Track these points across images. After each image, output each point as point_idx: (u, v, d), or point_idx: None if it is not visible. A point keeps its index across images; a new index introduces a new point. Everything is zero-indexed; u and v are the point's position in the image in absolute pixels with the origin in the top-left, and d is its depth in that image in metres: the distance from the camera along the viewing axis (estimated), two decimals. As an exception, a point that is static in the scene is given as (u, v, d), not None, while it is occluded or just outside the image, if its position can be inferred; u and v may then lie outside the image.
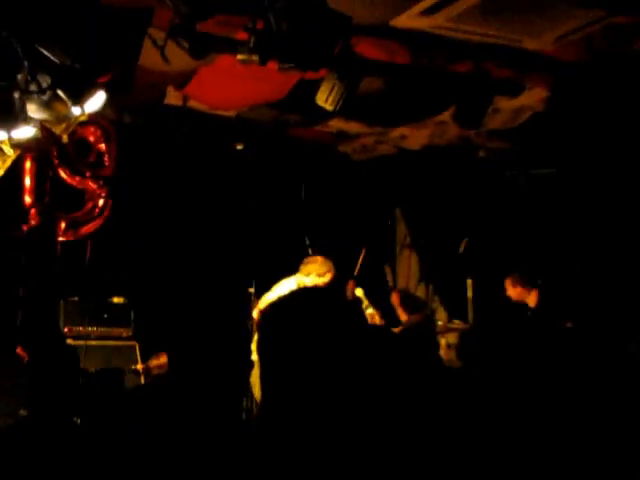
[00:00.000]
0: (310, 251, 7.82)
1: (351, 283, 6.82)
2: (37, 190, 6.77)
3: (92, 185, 7.13)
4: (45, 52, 3.87)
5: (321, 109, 5.48)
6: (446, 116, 6.57)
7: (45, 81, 4.27)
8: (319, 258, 6.22)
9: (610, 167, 7.26)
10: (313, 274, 6.04)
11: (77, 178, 7.09)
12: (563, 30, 5.25)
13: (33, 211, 6.76)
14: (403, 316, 6.95)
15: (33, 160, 6.80)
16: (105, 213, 7.16)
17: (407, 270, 9.18)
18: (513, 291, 6.97)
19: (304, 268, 6.14)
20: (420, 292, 8.99)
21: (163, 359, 5.45)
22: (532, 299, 6.93)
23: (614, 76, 5.81)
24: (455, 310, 8.14)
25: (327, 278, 6.03)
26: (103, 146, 7.17)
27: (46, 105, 4.64)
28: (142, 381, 5.88)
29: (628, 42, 5.43)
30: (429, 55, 5.57)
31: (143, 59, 4.86)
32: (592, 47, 5.48)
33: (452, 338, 7.17)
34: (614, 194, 7.43)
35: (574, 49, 5.51)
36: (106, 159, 7.19)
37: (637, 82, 5.88)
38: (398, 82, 5.84)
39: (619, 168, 7.24)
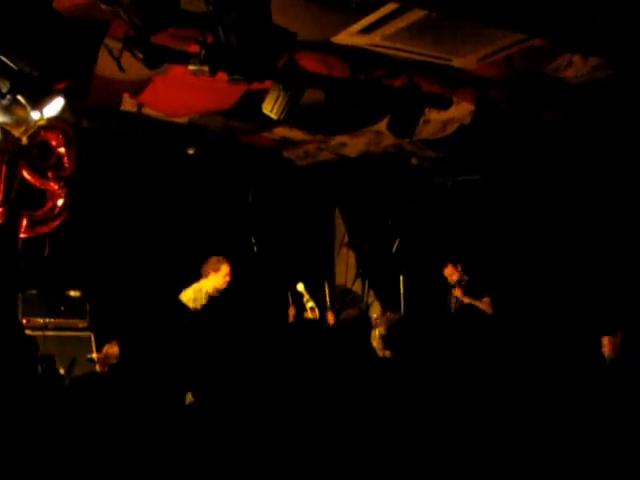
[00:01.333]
0: (255, 249, 7.81)
1: (291, 309, 7.22)
2: (6, 190, 6.60)
3: (53, 186, 6.93)
4: (4, 59, 3.76)
5: (267, 117, 5.46)
6: (381, 126, 6.56)
7: (5, 86, 4.16)
8: (211, 258, 6.48)
9: (526, 174, 7.35)
10: (210, 272, 6.36)
11: (39, 179, 6.87)
12: (486, 51, 5.31)
13: (1, 210, 6.58)
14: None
15: (2, 161, 6.57)
16: (64, 213, 6.97)
17: (345, 267, 9.13)
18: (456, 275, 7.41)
19: (203, 272, 6.42)
20: (357, 287, 9.03)
21: (116, 348, 5.36)
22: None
23: (531, 92, 5.92)
24: (389, 304, 8.15)
25: (224, 270, 6.33)
26: (63, 149, 6.97)
27: (6, 109, 4.50)
28: (97, 369, 5.79)
29: (543, 63, 5.52)
30: (366, 70, 5.58)
31: (100, 68, 4.76)
32: (512, 66, 5.51)
33: (384, 329, 7.24)
34: (531, 198, 7.56)
35: (496, 68, 5.58)
36: (66, 161, 7.00)
37: (550, 99, 6.01)
38: (338, 94, 5.78)
39: (535, 175, 7.33)
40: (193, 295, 6.33)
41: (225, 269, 6.41)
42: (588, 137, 6.48)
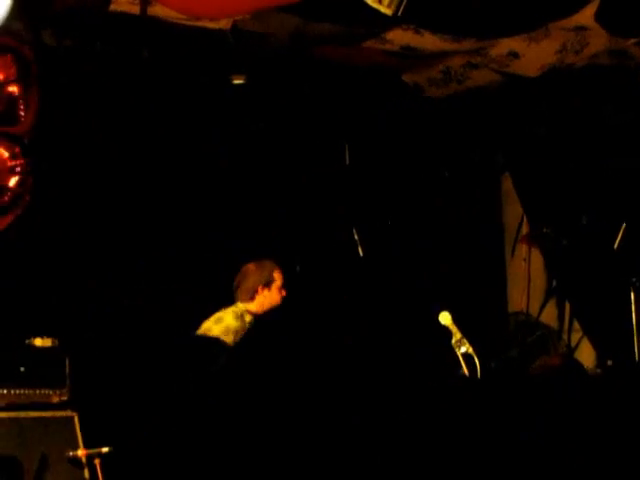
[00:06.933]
0: (360, 250, 7.63)
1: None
2: None
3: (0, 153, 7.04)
4: None
5: (372, 12, 5.68)
6: (585, 16, 6.64)
7: None
8: (253, 265, 7.08)
9: None
10: (259, 288, 7.02)
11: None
12: None
13: None
14: None
15: None
16: (24, 200, 7.03)
17: (524, 279, 9.27)
18: None
19: (243, 290, 7.05)
20: (549, 317, 8.80)
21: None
22: None
23: None
24: (610, 345, 8.24)
25: (278, 280, 7.02)
26: (16, 89, 7.02)
27: None
28: (86, 476, 5.76)
29: None
30: None
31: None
32: None
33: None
34: None
35: None
36: (22, 110, 7.05)
37: None
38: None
39: None
40: (226, 327, 6.86)
41: (279, 277, 7.00)
42: None
